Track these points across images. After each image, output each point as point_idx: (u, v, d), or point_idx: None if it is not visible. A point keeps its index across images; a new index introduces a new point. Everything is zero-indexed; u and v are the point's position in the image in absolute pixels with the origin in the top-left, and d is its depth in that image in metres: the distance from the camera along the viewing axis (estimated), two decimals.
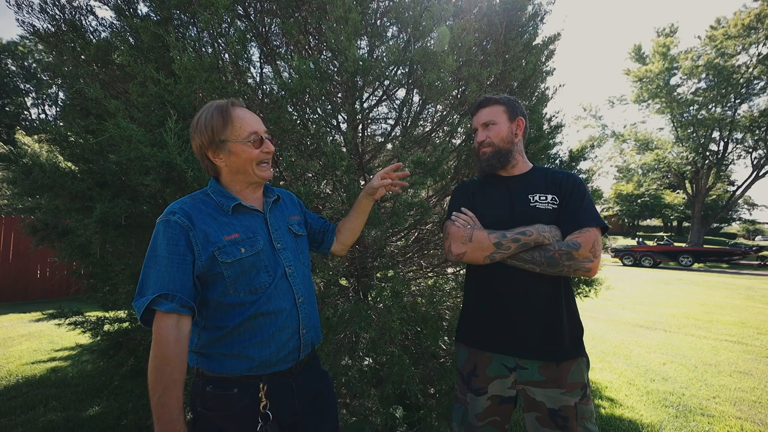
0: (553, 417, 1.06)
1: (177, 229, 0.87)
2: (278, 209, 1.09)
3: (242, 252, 0.92)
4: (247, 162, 0.96)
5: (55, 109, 21.38)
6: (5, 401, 2.63)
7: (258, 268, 0.94)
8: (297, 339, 0.98)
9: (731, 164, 20.65)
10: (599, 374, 3.39)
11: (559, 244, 1.08)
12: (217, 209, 0.95)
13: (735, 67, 17.92)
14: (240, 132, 0.94)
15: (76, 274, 2.71)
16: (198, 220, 0.90)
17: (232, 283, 0.91)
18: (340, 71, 1.73)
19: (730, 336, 4.76)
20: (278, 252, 1.00)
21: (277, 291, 0.96)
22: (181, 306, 0.83)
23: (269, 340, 0.93)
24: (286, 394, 0.96)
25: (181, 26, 2.00)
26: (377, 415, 1.94)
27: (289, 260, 1.01)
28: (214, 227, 0.91)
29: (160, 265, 0.85)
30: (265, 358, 0.92)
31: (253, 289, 0.93)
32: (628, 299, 7.41)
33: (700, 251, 15.75)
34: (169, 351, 0.81)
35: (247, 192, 1.01)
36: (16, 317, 5.41)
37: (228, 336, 0.91)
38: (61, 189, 1.60)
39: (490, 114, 1.24)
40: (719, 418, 2.54)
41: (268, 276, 0.95)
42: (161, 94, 1.51)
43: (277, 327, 0.94)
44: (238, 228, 0.94)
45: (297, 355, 0.98)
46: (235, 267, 0.90)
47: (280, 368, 0.95)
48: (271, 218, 1.03)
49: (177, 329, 0.83)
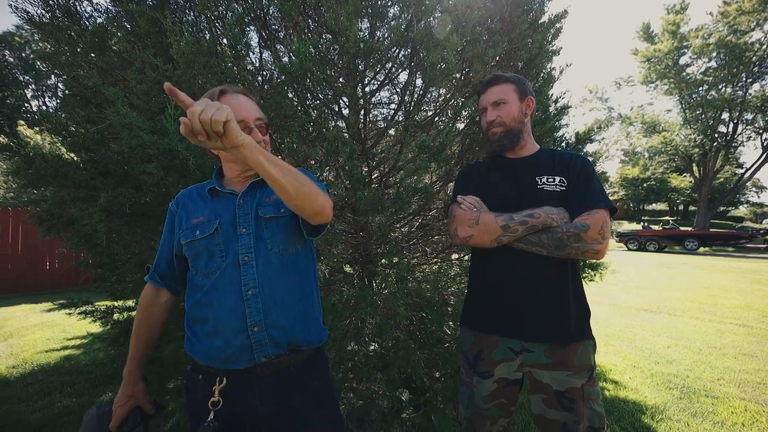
0: (560, 399, 1.07)
1: (169, 214, 1.03)
2: (260, 190, 0.99)
3: (196, 234, 0.94)
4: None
5: (56, 101, 21.31)
6: (22, 388, 2.71)
7: (211, 251, 0.92)
8: (245, 337, 0.87)
9: (740, 146, 20.27)
10: (603, 357, 3.41)
11: (567, 226, 1.06)
12: (204, 195, 1.01)
13: (748, 44, 17.36)
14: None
15: (84, 264, 2.74)
16: (182, 205, 1.01)
17: (192, 264, 0.96)
18: (341, 54, 1.69)
19: (735, 319, 4.76)
20: (240, 237, 0.92)
21: (224, 279, 0.90)
22: (152, 278, 1.01)
23: (214, 332, 0.88)
24: (246, 394, 0.89)
25: (177, 10, 1.96)
26: (383, 398, 1.97)
27: (248, 247, 0.91)
28: (189, 211, 0.99)
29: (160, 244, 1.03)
30: (214, 351, 0.88)
31: (207, 272, 0.93)
32: (632, 283, 7.40)
33: (706, 235, 15.63)
34: (139, 315, 1.02)
35: (241, 177, 1.01)
36: (28, 307, 5.52)
37: (191, 319, 0.95)
38: (64, 179, 1.60)
39: (501, 92, 1.20)
40: (723, 399, 2.56)
41: (221, 261, 0.92)
42: (160, 80, 1.49)
43: (219, 320, 0.88)
44: (205, 211, 0.97)
45: (250, 355, 0.87)
46: (189, 248, 0.95)
47: (235, 366, 0.88)
48: (246, 200, 0.96)
49: (154, 297, 1.02)
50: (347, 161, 1.64)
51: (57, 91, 21.35)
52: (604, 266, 2.67)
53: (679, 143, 20.12)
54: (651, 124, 21.38)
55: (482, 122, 1.25)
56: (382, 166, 2.25)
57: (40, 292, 6.70)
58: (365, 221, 2.02)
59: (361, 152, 2.03)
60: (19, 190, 2.31)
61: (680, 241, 15.36)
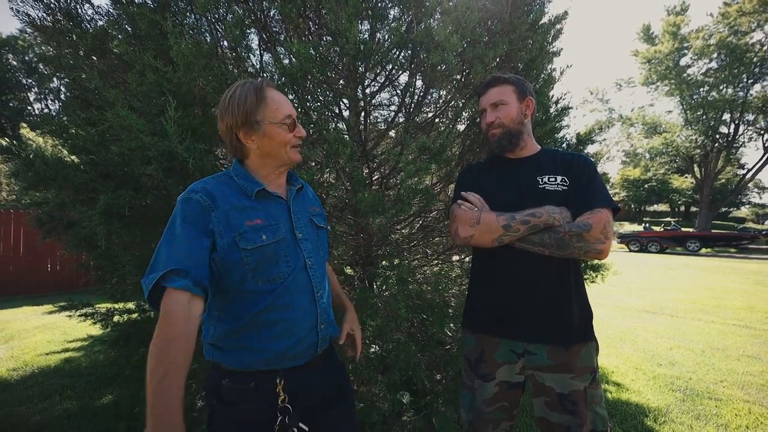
0: (563, 402, 1.05)
1: (197, 208, 0.83)
2: (301, 198, 1.04)
3: (263, 239, 0.87)
4: (281, 145, 0.93)
5: (58, 104, 21.41)
6: (23, 390, 2.71)
7: (278, 257, 0.90)
8: (315, 334, 0.94)
9: (742, 147, 20.25)
10: (605, 359, 3.39)
11: (570, 225, 1.05)
12: (240, 193, 0.91)
13: (749, 45, 17.37)
14: (276, 114, 0.91)
15: (84, 266, 2.74)
16: (221, 201, 0.86)
17: (251, 271, 0.86)
18: (341, 55, 1.69)
19: (738, 320, 4.73)
20: (299, 242, 0.95)
21: (296, 283, 0.91)
22: (195, 284, 0.76)
23: (287, 333, 0.89)
24: (303, 388, 0.93)
25: (178, 13, 1.96)
26: (384, 401, 1.96)
27: (310, 252, 0.97)
28: (237, 210, 0.87)
29: (176, 241, 0.79)
30: (282, 351, 0.88)
31: (271, 278, 0.88)
32: (634, 285, 7.37)
33: (708, 236, 15.58)
34: (176, 330, 0.72)
35: (273, 177, 0.97)
36: (29, 310, 5.53)
37: (245, 328, 0.87)
38: (64, 181, 1.60)
39: (500, 94, 1.19)
40: (727, 402, 2.54)
41: (288, 266, 0.91)
42: (160, 83, 1.49)
43: (295, 321, 0.90)
44: (261, 214, 0.90)
45: (315, 350, 0.95)
46: (255, 254, 0.86)
47: (297, 363, 0.91)
48: (294, 207, 0.99)
49: (188, 309, 0.75)
50: (348, 163, 1.63)
51: (60, 94, 21.43)
52: (606, 267, 2.66)
53: (680, 144, 20.09)
54: (652, 125, 21.36)
55: (482, 124, 1.25)
56: (382, 167, 2.25)
57: (41, 295, 6.70)
58: (366, 223, 2.01)
59: (362, 154, 2.03)
60: (20, 193, 2.31)
61: (682, 242, 15.32)
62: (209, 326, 0.91)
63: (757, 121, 18.85)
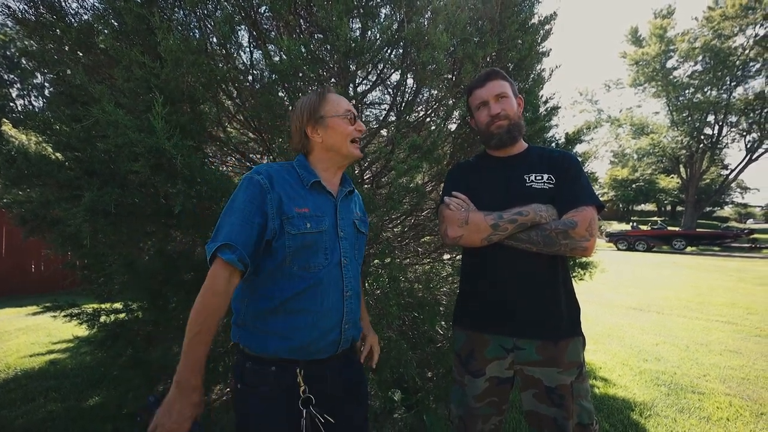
0: (550, 394, 1.07)
1: (257, 188, 0.90)
2: (349, 201, 1.10)
3: (307, 227, 0.93)
4: (343, 137, 1.01)
5: (42, 100, 20.87)
6: (4, 393, 2.64)
7: (317, 247, 0.94)
8: (338, 333, 0.97)
9: (725, 148, 20.77)
10: (593, 355, 3.45)
11: (556, 223, 1.07)
12: (297, 181, 0.98)
13: (731, 48, 17.84)
14: (338, 108, 1.01)
15: (70, 266, 2.68)
16: (278, 185, 0.93)
17: (291, 255, 0.91)
18: (332, 53, 1.68)
19: (722, 316, 4.86)
20: (340, 240, 1.00)
21: (329, 277, 0.95)
22: (239, 260, 0.85)
23: (312, 324, 0.92)
24: (320, 382, 0.95)
25: (166, 8, 1.93)
26: (376, 398, 1.96)
27: (347, 251, 1.01)
28: (289, 196, 0.93)
29: (234, 216, 0.88)
30: (305, 342, 0.91)
31: (307, 266, 0.93)
32: (621, 283, 7.52)
33: (693, 235, 15.98)
34: (215, 299, 0.84)
35: (330, 174, 1.04)
36: (12, 311, 5.38)
37: (275, 312, 0.91)
38: (48, 178, 1.56)
39: (502, 87, 1.19)
40: (709, 395, 2.61)
41: (325, 258, 0.95)
42: (147, 79, 1.46)
43: (321, 314, 0.93)
44: (309, 203, 0.96)
45: (335, 348, 0.97)
46: (297, 239, 0.91)
47: (318, 357, 0.94)
48: (341, 206, 1.04)
49: (228, 282, 0.85)
50: None
51: (43, 90, 20.91)
52: (594, 265, 2.70)
53: (666, 145, 20.52)
54: (639, 126, 21.78)
55: (481, 116, 1.22)
56: (374, 166, 2.25)
57: (25, 295, 6.53)
58: None
59: None
60: (2, 191, 2.25)
61: (668, 240, 15.68)
62: (241, 306, 0.95)
63: (739, 122, 19.38)
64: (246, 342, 0.93)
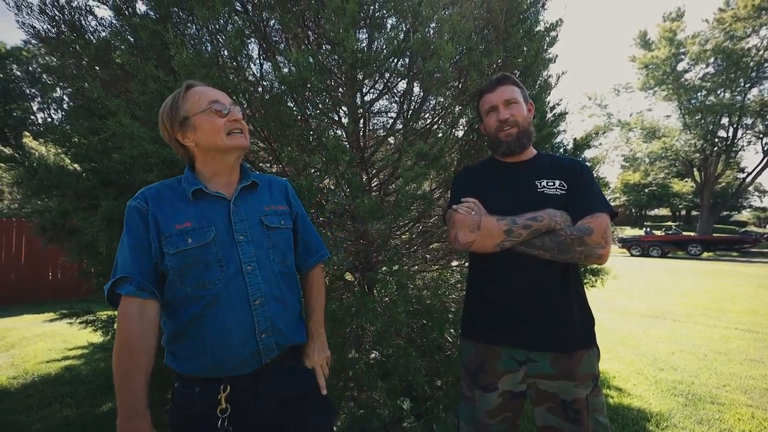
0: (566, 409, 1.03)
1: (136, 214, 0.86)
2: (252, 196, 0.98)
3: (188, 242, 0.85)
4: (215, 133, 0.89)
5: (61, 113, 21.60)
6: (23, 399, 2.70)
7: (207, 261, 0.86)
8: (255, 344, 0.89)
9: (741, 150, 20.30)
10: (607, 364, 3.37)
11: (571, 229, 1.04)
12: (180, 196, 0.90)
13: (745, 50, 17.52)
14: (200, 103, 0.90)
15: (85, 273, 2.75)
16: (154, 206, 0.87)
17: (178, 276, 0.85)
18: (340, 64, 1.72)
19: (741, 324, 4.70)
20: (239, 245, 0.90)
21: (228, 290, 0.87)
22: (138, 289, 0.82)
23: (219, 343, 0.86)
24: (253, 398, 0.89)
25: (179, 24, 2.00)
26: (385, 407, 1.95)
27: (250, 255, 0.90)
28: (167, 215, 0.87)
29: (124, 248, 0.85)
30: (217, 361, 0.86)
31: (201, 284, 0.86)
32: (635, 289, 7.35)
33: (710, 240, 15.54)
34: (129, 334, 0.80)
35: (222, 177, 0.94)
36: (30, 318, 5.52)
37: (182, 335, 0.87)
38: (67, 188, 1.62)
39: (512, 92, 1.17)
40: (729, 406, 2.52)
41: (221, 271, 0.87)
42: (162, 92, 1.52)
43: (226, 330, 0.86)
44: (192, 216, 0.88)
45: (258, 359, 0.90)
46: (178, 258, 0.84)
47: (242, 372, 0.88)
48: (238, 206, 0.93)
49: (140, 313, 0.81)
50: (347, 169, 1.65)
51: (62, 104, 21.62)
52: (605, 272, 2.66)
53: (679, 148, 20.14)
54: (651, 130, 21.44)
55: (490, 121, 1.19)
56: (381, 173, 2.27)
57: (42, 302, 6.70)
58: (365, 228, 2.02)
59: (361, 160, 2.05)
60: (23, 201, 2.34)
61: (683, 246, 15.27)
62: (164, 330, 0.92)
63: (755, 124, 18.93)
64: (171, 363, 0.90)
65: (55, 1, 1.86)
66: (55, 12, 1.88)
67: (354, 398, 2.14)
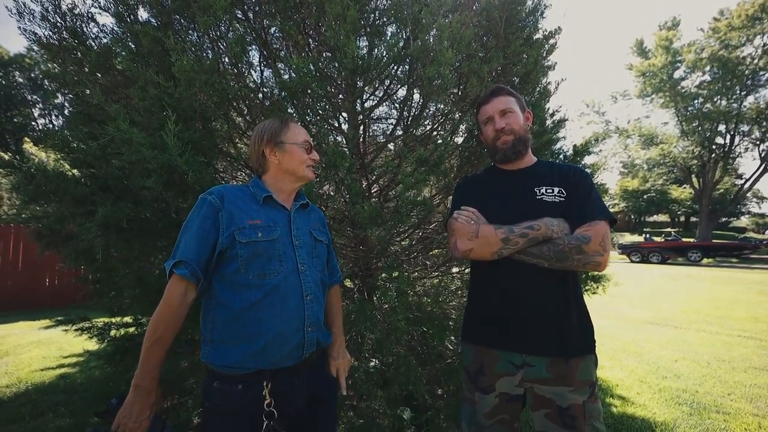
0: (562, 415, 1.04)
1: (209, 208, 0.98)
2: (304, 213, 1.17)
3: (258, 236, 0.99)
4: (300, 162, 1.10)
5: (61, 119, 21.71)
6: (15, 408, 2.65)
7: (270, 255, 0.99)
8: (302, 336, 1.00)
9: (738, 157, 20.43)
10: (609, 372, 3.33)
11: (568, 237, 1.05)
12: (251, 199, 1.06)
13: (740, 58, 17.73)
14: (297, 137, 1.11)
15: (82, 280, 2.72)
16: (228, 203, 1.00)
17: (245, 263, 0.96)
18: (340, 70, 1.72)
19: (743, 331, 4.67)
20: (295, 248, 1.05)
21: (287, 283, 1.00)
22: (191, 274, 0.93)
23: (272, 330, 0.95)
24: (290, 392, 0.98)
25: (181, 31, 2.01)
26: (385, 416, 1.91)
27: (303, 258, 1.06)
28: (240, 211, 1.00)
29: (188, 235, 0.97)
30: (267, 346, 0.94)
31: (262, 273, 0.97)
32: (636, 296, 7.31)
33: (709, 246, 15.54)
34: (169, 311, 0.92)
35: (284, 193, 1.12)
36: (26, 325, 5.46)
37: (234, 319, 0.95)
38: (65, 194, 1.61)
39: (507, 102, 1.21)
40: (735, 416, 2.48)
41: (280, 265, 1.00)
42: (162, 97, 1.51)
43: (282, 319, 0.97)
44: (262, 215, 1.03)
45: (301, 352, 1.00)
46: (248, 248, 0.97)
47: (285, 365, 0.97)
48: (295, 217, 1.11)
49: (183, 296, 0.93)
50: (347, 175, 1.65)
51: (63, 110, 21.74)
52: (607, 278, 2.64)
53: (677, 155, 20.26)
54: (648, 137, 21.59)
55: (487, 132, 1.24)
56: (381, 179, 2.27)
57: (39, 309, 6.63)
58: (365, 235, 2.01)
59: (361, 166, 2.04)
60: (21, 207, 2.32)
61: (683, 252, 15.26)
62: (206, 321, 1.00)
63: (752, 131, 19.07)
64: (212, 358, 0.96)
65: (57, 8, 1.87)
66: (57, 19, 1.89)
67: (353, 407, 2.10)
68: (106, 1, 1.93)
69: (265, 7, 1.93)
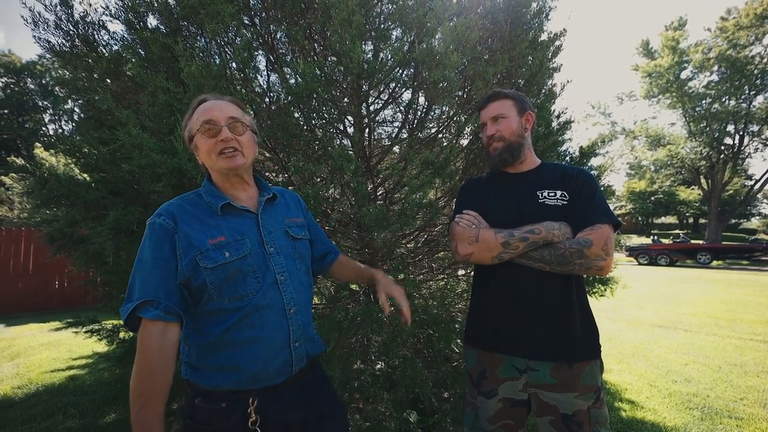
0: (567, 422, 1.03)
1: (162, 232, 0.83)
2: (274, 209, 1.00)
3: (226, 256, 0.85)
4: (207, 153, 0.89)
5: (72, 125, 22.08)
6: (26, 409, 2.69)
7: (245, 273, 0.87)
8: (288, 353, 0.90)
9: (748, 158, 20.10)
10: (618, 376, 3.29)
11: (570, 242, 1.04)
12: (207, 210, 0.90)
13: (748, 58, 17.48)
14: (197, 123, 0.89)
15: (92, 282, 2.76)
16: (182, 222, 0.85)
17: (216, 290, 0.84)
18: (346, 75, 1.74)
19: (755, 335, 4.58)
20: (270, 257, 0.91)
21: (265, 299, 0.88)
22: (167, 313, 0.79)
23: (257, 353, 0.86)
24: (279, 409, 0.89)
25: (189, 37, 2.05)
26: (391, 420, 1.91)
27: (282, 266, 0.93)
28: (198, 230, 0.85)
29: (146, 269, 0.82)
30: (253, 372, 0.86)
31: (238, 296, 0.86)
32: (645, 299, 7.21)
33: (719, 248, 15.26)
34: (151, 361, 0.77)
35: (237, 190, 0.95)
36: (36, 327, 5.54)
37: (215, 347, 0.85)
38: (76, 198, 1.64)
39: (500, 108, 1.21)
40: (748, 421, 2.43)
41: (257, 282, 0.88)
42: (171, 103, 1.54)
43: (264, 340, 0.87)
44: (224, 230, 0.88)
45: (290, 369, 0.91)
46: (217, 272, 0.84)
47: (272, 383, 0.88)
48: (264, 219, 0.95)
49: (162, 337, 0.79)
50: (352, 178, 1.66)
51: (74, 115, 22.13)
52: (615, 281, 2.62)
53: (685, 156, 20.01)
54: (656, 138, 21.35)
55: (482, 138, 1.27)
56: (386, 182, 2.28)
57: (49, 312, 6.73)
58: (370, 237, 2.02)
59: (366, 169, 2.05)
60: (32, 211, 2.37)
61: (692, 254, 15.01)
62: (185, 345, 0.90)
63: (761, 132, 18.78)
64: (194, 377, 0.87)
65: (69, 17, 1.91)
66: (69, 27, 1.93)
67: (359, 411, 2.10)
68: (116, 9, 1.97)
69: (271, 13, 1.95)
